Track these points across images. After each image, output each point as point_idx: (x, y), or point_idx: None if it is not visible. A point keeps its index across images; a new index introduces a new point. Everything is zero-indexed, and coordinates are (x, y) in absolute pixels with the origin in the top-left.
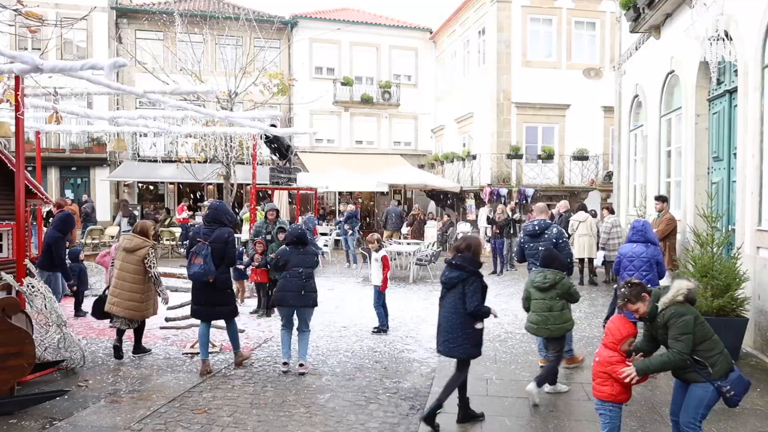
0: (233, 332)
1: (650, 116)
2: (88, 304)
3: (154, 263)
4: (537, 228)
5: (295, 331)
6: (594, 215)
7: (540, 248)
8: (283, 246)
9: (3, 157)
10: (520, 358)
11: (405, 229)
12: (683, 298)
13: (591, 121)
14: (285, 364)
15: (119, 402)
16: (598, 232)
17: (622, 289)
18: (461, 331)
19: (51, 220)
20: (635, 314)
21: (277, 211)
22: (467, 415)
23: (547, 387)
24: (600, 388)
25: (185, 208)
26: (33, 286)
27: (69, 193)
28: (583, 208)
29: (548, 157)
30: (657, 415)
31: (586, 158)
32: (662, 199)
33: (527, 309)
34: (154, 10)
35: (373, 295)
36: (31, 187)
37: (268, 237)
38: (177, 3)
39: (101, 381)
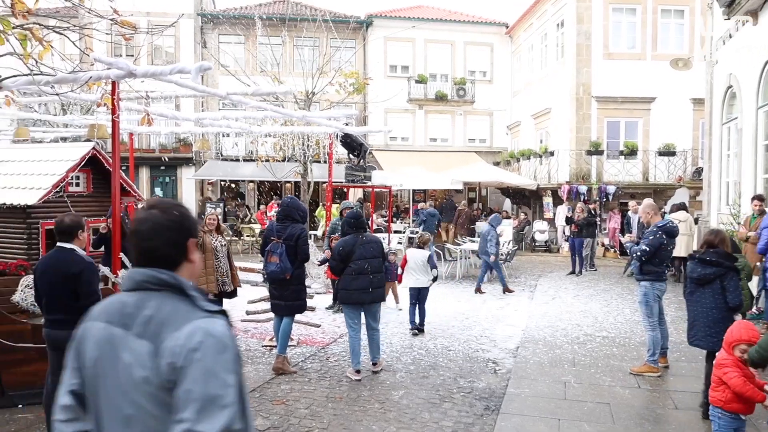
0: (286, 331)
1: (746, 108)
2: None
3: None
4: (677, 230)
5: (363, 333)
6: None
7: (670, 248)
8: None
9: (101, 158)
10: (600, 362)
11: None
12: None
13: (678, 114)
14: (357, 372)
15: None
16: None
17: None
18: (723, 325)
19: None
20: None
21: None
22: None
23: None
24: (712, 393)
25: (275, 205)
26: None
27: (158, 191)
28: (683, 207)
29: (631, 152)
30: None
31: (673, 154)
32: (762, 199)
33: None
34: (237, 15)
35: (418, 296)
36: (125, 185)
37: (334, 234)
38: (257, 7)
39: None
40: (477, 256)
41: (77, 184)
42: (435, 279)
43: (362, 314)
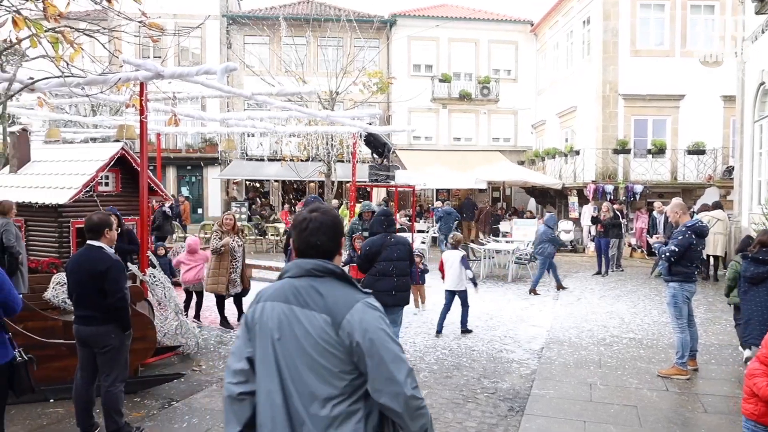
0: None
1: None
2: None
3: (214, 243)
4: (707, 230)
5: None
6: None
7: (700, 248)
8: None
9: (129, 158)
10: (627, 364)
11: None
12: None
13: (708, 112)
14: None
15: None
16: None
17: None
18: None
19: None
20: None
21: (374, 212)
22: None
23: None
24: (744, 405)
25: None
26: (155, 276)
27: (185, 191)
28: (719, 206)
29: (659, 151)
30: None
31: (702, 152)
32: None
33: (732, 288)
34: (261, 16)
35: (452, 300)
36: (153, 185)
37: (365, 234)
38: (282, 8)
39: (213, 366)
40: (533, 257)
41: (106, 184)
42: (474, 282)
43: None
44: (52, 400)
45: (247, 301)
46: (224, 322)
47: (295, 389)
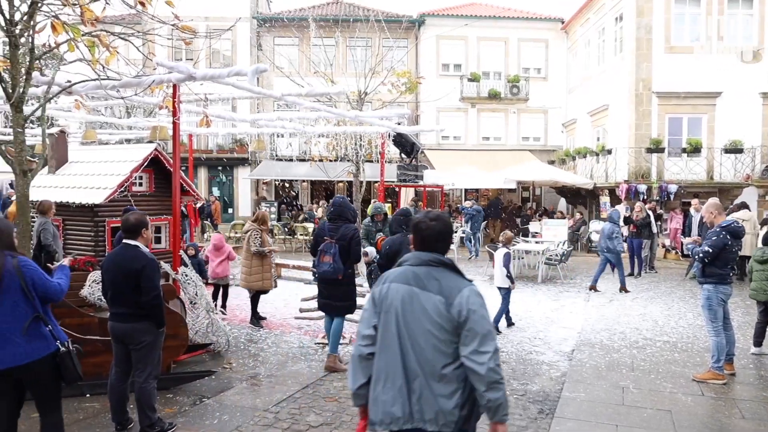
0: (337, 331)
1: None
2: None
3: (255, 242)
4: (743, 230)
5: None
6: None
7: (735, 249)
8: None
9: (162, 158)
10: (661, 367)
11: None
12: None
13: (747, 109)
14: None
15: (259, 385)
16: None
17: None
18: None
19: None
20: None
21: (386, 214)
22: None
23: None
24: None
25: None
26: (186, 275)
27: (216, 191)
28: (745, 206)
29: (694, 150)
30: None
31: (740, 151)
32: None
33: (751, 280)
34: (291, 18)
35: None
36: (185, 185)
37: (379, 235)
38: (311, 9)
39: (243, 364)
40: (596, 254)
41: (140, 184)
42: (512, 281)
43: None
44: (88, 395)
45: (266, 300)
46: (254, 320)
47: (412, 351)
